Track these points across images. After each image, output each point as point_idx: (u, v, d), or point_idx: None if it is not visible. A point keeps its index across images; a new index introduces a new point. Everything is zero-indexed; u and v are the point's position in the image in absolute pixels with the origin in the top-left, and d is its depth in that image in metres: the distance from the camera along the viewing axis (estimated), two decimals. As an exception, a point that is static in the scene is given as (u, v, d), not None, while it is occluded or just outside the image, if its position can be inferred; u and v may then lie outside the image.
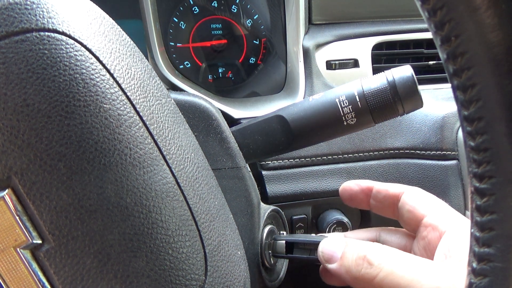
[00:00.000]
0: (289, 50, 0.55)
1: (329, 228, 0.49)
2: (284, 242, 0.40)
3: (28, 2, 0.22)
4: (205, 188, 0.29)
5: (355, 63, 0.56)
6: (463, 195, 0.50)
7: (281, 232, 0.45)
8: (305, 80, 0.53)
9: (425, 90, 0.56)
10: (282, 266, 0.44)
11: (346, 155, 0.51)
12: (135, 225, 0.23)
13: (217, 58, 0.56)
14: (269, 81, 0.57)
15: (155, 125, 0.26)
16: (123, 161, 0.23)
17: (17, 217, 0.22)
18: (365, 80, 0.38)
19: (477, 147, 0.16)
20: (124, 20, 0.55)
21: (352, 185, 0.43)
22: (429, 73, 0.60)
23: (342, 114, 0.37)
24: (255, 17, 0.56)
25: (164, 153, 0.25)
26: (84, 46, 0.23)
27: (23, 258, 0.22)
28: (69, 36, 0.23)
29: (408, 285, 0.29)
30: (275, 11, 0.56)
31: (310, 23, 0.57)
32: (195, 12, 0.55)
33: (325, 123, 0.38)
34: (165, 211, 0.24)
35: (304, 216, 0.50)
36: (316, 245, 0.36)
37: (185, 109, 0.39)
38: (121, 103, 0.24)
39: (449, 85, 0.16)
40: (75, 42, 0.23)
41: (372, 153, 0.51)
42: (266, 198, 0.48)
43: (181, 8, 0.54)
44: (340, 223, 0.49)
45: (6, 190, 0.22)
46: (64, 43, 0.22)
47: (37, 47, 0.22)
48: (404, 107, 0.36)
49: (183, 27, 0.55)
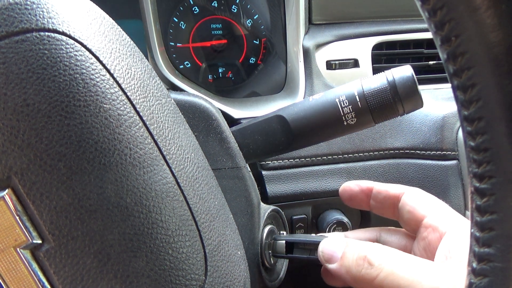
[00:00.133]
0: (289, 50, 0.55)
1: (329, 228, 0.49)
2: (284, 242, 0.40)
3: (28, 2, 0.22)
4: (205, 188, 0.29)
5: (355, 63, 0.56)
6: (463, 195, 0.50)
7: (281, 232, 0.45)
8: (305, 80, 0.53)
9: (425, 90, 0.56)
10: (282, 266, 0.44)
11: (346, 155, 0.51)
12: (135, 225, 0.23)
13: (217, 58, 0.56)
14: (269, 81, 0.57)
15: (155, 125, 0.26)
16: (123, 161, 0.23)
17: (17, 217, 0.22)
18: (365, 80, 0.38)
19: (477, 147, 0.16)
20: (124, 20, 0.55)
21: (352, 186, 0.43)
22: (429, 73, 0.60)
23: (342, 114, 0.37)
24: (255, 17, 0.56)
25: (164, 153, 0.25)
26: (84, 46, 0.23)
27: (23, 258, 0.22)
28: (69, 36, 0.23)
29: (408, 286, 0.29)
30: (275, 11, 0.56)
31: (310, 23, 0.57)
32: (195, 12, 0.55)
33: (325, 123, 0.38)
34: (165, 211, 0.24)
35: (304, 216, 0.50)
36: (316, 245, 0.36)
37: (185, 109, 0.39)
38: (121, 103, 0.24)
39: (449, 85, 0.16)
40: (75, 42, 0.23)
41: (372, 153, 0.51)
42: (266, 198, 0.48)
43: (181, 8, 0.54)
44: (340, 223, 0.49)
45: (6, 190, 0.22)
46: (64, 43, 0.22)
47: (37, 47, 0.22)
48: (404, 107, 0.36)
49: (183, 27, 0.55)
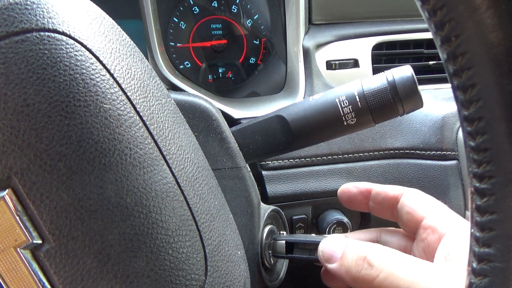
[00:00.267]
0: (289, 50, 0.55)
1: (329, 228, 0.49)
2: (284, 242, 0.40)
3: (28, 2, 0.22)
4: (205, 188, 0.29)
5: (355, 63, 0.56)
6: (463, 195, 0.50)
7: (281, 232, 0.45)
8: (305, 80, 0.53)
9: (425, 90, 0.56)
10: (282, 266, 0.44)
11: (346, 155, 0.51)
12: (135, 225, 0.23)
13: (217, 58, 0.56)
14: (269, 81, 0.57)
15: (155, 125, 0.26)
16: (123, 161, 0.23)
17: (17, 217, 0.22)
18: (365, 80, 0.38)
19: (477, 147, 0.16)
20: (124, 20, 0.55)
21: (351, 187, 0.43)
22: (429, 73, 0.60)
23: (342, 114, 0.37)
24: (255, 17, 0.56)
25: (164, 153, 0.25)
26: (84, 46, 0.23)
27: (23, 258, 0.22)
28: (69, 36, 0.23)
29: (408, 287, 0.29)
30: (275, 11, 0.56)
31: (310, 23, 0.57)
32: (195, 12, 0.55)
33: (325, 123, 0.38)
34: (165, 211, 0.24)
35: (304, 216, 0.50)
36: (316, 245, 0.36)
37: (185, 109, 0.39)
38: (121, 103, 0.24)
39: (449, 85, 0.16)
40: (75, 42, 0.23)
41: (372, 153, 0.51)
42: (266, 198, 0.48)
43: (181, 8, 0.54)
44: (340, 223, 0.49)
45: (6, 190, 0.22)
46: (64, 43, 0.22)
47: (37, 47, 0.22)
48: (404, 107, 0.36)
49: (183, 27, 0.55)
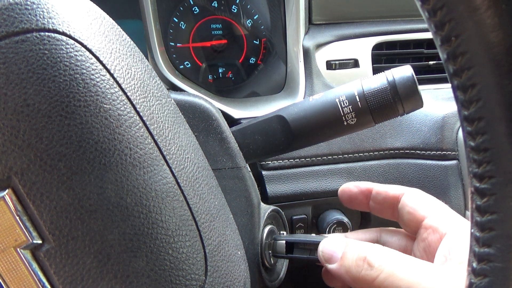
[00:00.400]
0: (289, 50, 0.55)
1: (329, 228, 0.49)
2: (284, 242, 0.40)
3: (28, 2, 0.22)
4: (205, 188, 0.29)
5: (355, 63, 0.56)
6: (463, 195, 0.50)
7: (281, 232, 0.45)
8: (305, 80, 0.53)
9: (425, 90, 0.56)
10: (282, 266, 0.44)
11: (346, 155, 0.51)
12: (135, 225, 0.23)
13: (217, 58, 0.56)
14: (269, 81, 0.57)
15: (155, 125, 0.26)
16: (123, 161, 0.23)
17: (17, 217, 0.22)
18: (365, 80, 0.38)
19: (477, 147, 0.16)
20: (124, 20, 0.55)
21: (351, 187, 0.43)
22: (429, 73, 0.60)
23: (342, 114, 0.37)
24: (255, 17, 0.56)
25: (164, 153, 0.25)
26: (84, 46, 0.23)
27: (23, 258, 0.22)
28: (69, 36, 0.23)
29: (408, 287, 0.29)
30: (275, 11, 0.56)
31: (310, 23, 0.57)
32: (195, 12, 0.55)
33: (325, 123, 0.38)
34: (165, 211, 0.24)
35: (304, 216, 0.50)
36: (316, 245, 0.36)
37: (185, 109, 0.39)
38: (121, 103, 0.24)
39: (449, 85, 0.16)
40: (75, 42, 0.23)
41: (372, 153, 0.51)
42: (266, 198, 0.48)
43: (181, 8, 0.54)
44: (340, 223, 0.49)
45: (6, 190, 0.22)
46: (64, 43, 0.22)
47: (37, 47, 0.22)
48: (404, 107, 0.36)
49: (183, 27, 0.55)
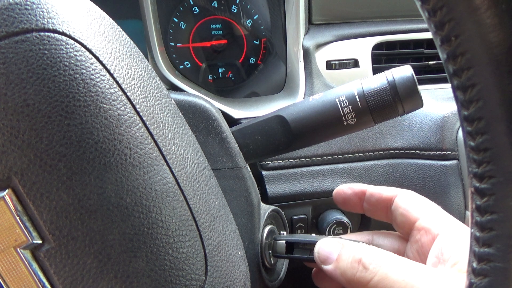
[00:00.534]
0: (289, 50, 0.55)
1: (329, 228, 0.49)
2: (284, 242, 0.40)
3: (28, 3, 0.22)
4: (205, 188, 0.29)
5: (355, 63, 0.56)
6: (463, 195, 0.50)
7: (281, 232, 0.45)
8: (305, 80, 0.53)
9: (425, 90, 0.56)
10: (282, 266, 0.44)
11: (346, 155, 0.51)
12: (135, 225, 0.23)
13: (217, 58, 0.56)
14: (269, 81, 0.57)
15: (155, 125, 0.26)
16: (123, 161, 0.23)
17: (17, 217, 0.22)
18: (365, 80, 0.38)
19: (477, 147, 0.16)
20: (124, 20, 0.55)
21: (345, 189, 0.43)
22: (429, 73, 0.60)
23: (342, 114, 0.37)
24: (255, 17, 0.56)
25: (164, 153, 0.25)
26: (84, 46, 0.23)
27: (23, 258, 0.22)
28: (69, 36, 0.23)
29: None
30: (275, 11, 0.56)
31: (310, 23, 0.57)
32: (195, 12, 0.55)
33: (325, 123, 0.38)
34: (165, 211, 0.24)
35: (304, 216, 0.50)
36: (316, 245, 0.36)
37: (185, 109, 0.39)
38: (121, 103, 0.24)
39: (449, 85, 0.16)
40: (75, 42, 0.23)
41: (372, 153, 0.51)
42: (266, 198, 0.48)
43: (181, 8, 0.54)
44: (340, 223, 0.49)
45: (6, 190, 0.22)
46: (64, 43, 0.22)
47: (37, 47, 0.22)
48: (404, 107, 0.36)
49: (183, 27, 0.55)
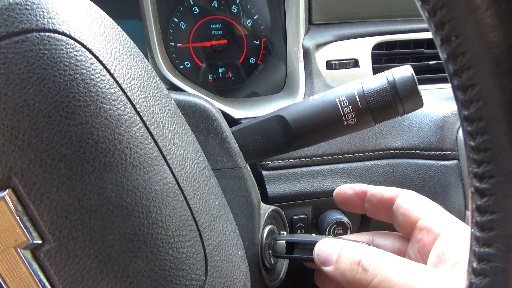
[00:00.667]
0: (289, 50, 0.55)
1: (329, 228, 0.49)
2: (284, 242, 0.40)
3: (28, 3, 0.22)
4: (205, 188, 0.29)
5: (355, 63, 0.56)
6: (463, 195, 0.50)
7: (281, 232, 0.45)
8: (305, 80, 0.53)
9: (425, 90, 0.56)
10: (282, 266, 0.44)
11: (346, 155, 0.51)
12: (136, 225, 0.23)
13: (217, 58, 0.56)
14: (269, 81, 0.57)
15: (155, 125, 0.26)
16: (123, 161, 0.23)
17: (17, 217, 0.22)
18: (365, 80, 0.38)
19: (477, 147, 0.16)
20: (124, 20, 0.55)
21: (346, 189, 0.43)
22: (429, 73, 0.60)
23: (342, 114, 0.37)
24: (255, 17, 0.56)
25: (164, 153, 0.25)
26: (84, 47, 0.23)
27: (23, 258, 0.22)
28: (69, 37, 0.23)
29: None
30: (275, 11, 0.56)
31: (310, 23, 0.57)
32: (195, 12, 0.55)
33: (325, 123, 0.38)
34: (165, 211, 0.24)
35: (304, 216, 0.50)
36: (316, 245, 0.36)
37: (185, 109, 0.39)
38: (121, 103, 0.24)
39: (449, 85, 0.16)
40: (75, 43, 0.23)
41: (372, 153, 0.51)
42: (266, 198, 0.48)
43: (181, 8, 0.54)
44: (340, 223, 0.49)
45: (7, 191, 0.22)
46: (64, 44, 0.22)
47: (37, 47, 0.22)
48: (404, 107, 0.36)
49: (183, 27, 0.55)
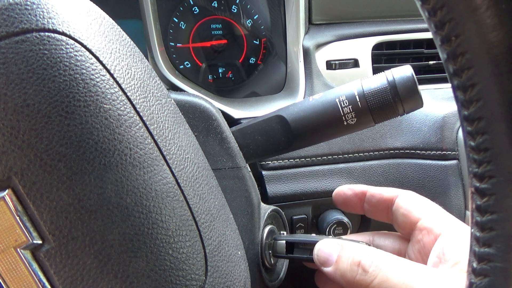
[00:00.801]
0: (289, 50, 0.55)
1: (329, 228, 0.49)
2: (284, 242, 0.40)
3: (28, 3, 0.22)
4: (205, 188, 0.29)
5: (355, 63, 0.56)
6: (463, 195, 0.50)
7: (281, 232, 0.45)
8: (305, 80, 0.53)
9: (425, 90, 0.56)
10: (282, 266, 0.44)
11: (346, 155, 0.51)
12: (135, 225, 0.23)
13: (217, 58, 0.56)
14: (269, 81, 0.57)
15: (155, 125, 0.26)
16: (123, 161, 0.23)
17: (17, 218, 0.22)
18: (365, 80, 0.38)
19: (477, 147, 0.16)
20: (124, 20, 0.55)
21: (345, 190, 0.43)
22: (429, 73, 0.59)
23: (342, 114, 0.37)
24: (255, 17, 0.56)
25: (164, 153, 0.25)
26: (84, 47, 0.23)
27: (23, 258, 0.22)
28: (69, 37, 0.23)
29: None
30: (275, 11, 0.56)
31: (310, 23, 0.57)
32: (195, 12, 0.55)
33: (325, 123, 0.38)
34: (165, 211, 0.24)
35: (304, 216, 0.50)
36: (316, 245, 0.36)
37: (185, 109, 0.39)
38: (121, 103, 0.24)
39: (449, 85, 0.16)
40: (75, 43, 0.23)
41: (372, 153, 0.51)
42: (266, 198, 0.48)
43: (181, 8, 0.54)
44: (340, 223, 0.49)
45: (6, 191, 0.22)
46: (64, 44, 0.22)
47: (37, 47, 0.22)
48: (404, 107, 0.36)
49: (183, 27, 0.55)
